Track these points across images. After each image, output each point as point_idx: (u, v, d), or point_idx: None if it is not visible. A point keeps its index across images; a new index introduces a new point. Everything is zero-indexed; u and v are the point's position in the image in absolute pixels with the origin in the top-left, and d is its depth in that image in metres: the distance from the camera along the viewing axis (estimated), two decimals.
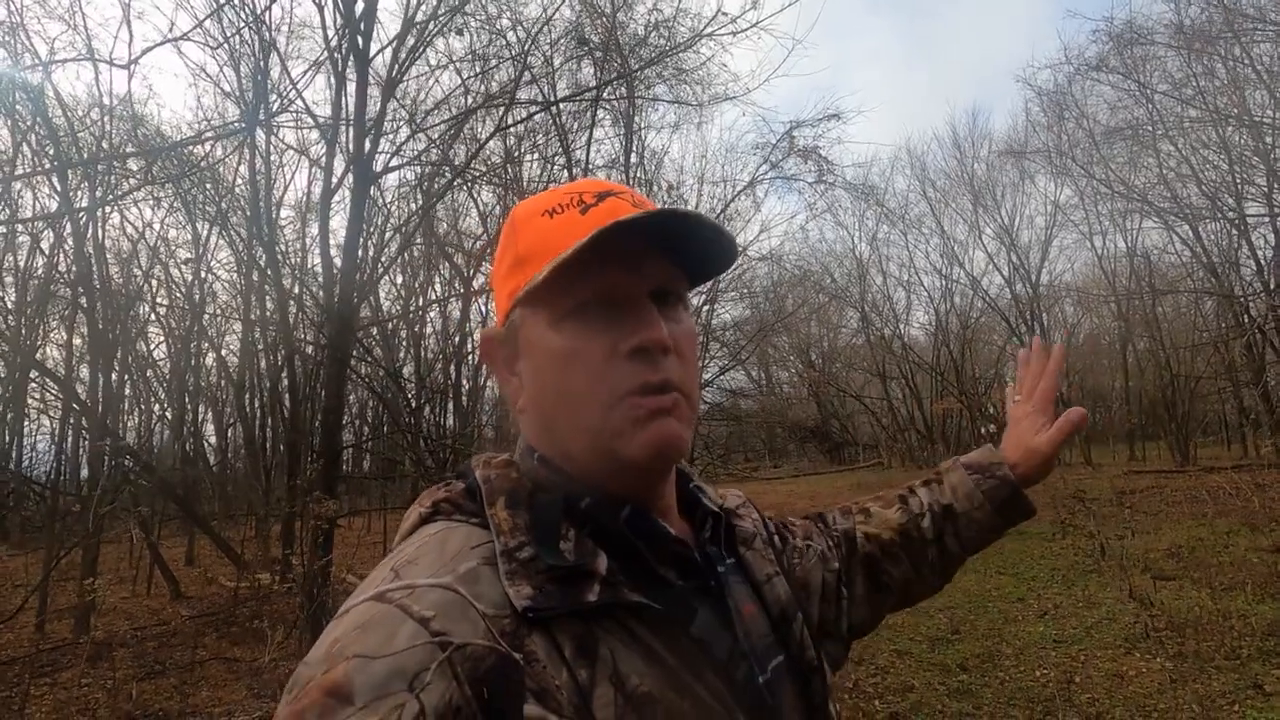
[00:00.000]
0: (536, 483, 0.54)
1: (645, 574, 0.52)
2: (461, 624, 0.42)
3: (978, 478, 0.80)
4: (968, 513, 0.79)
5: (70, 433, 13.94)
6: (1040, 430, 0.80)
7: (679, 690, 0.47)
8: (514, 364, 0.57)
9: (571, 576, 0.47)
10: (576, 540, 0.49)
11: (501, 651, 0.42)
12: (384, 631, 0.41)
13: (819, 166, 10.99)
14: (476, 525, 0.51)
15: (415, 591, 0.44)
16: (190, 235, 13.11)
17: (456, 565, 0.46)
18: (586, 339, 0.52)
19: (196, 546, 10.51)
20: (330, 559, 5.42)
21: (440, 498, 0.54)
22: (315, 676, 0.40)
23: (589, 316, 0.52)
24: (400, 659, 0.40)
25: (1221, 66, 11.06)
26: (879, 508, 0.83)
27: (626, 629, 0.47)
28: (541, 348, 0.53)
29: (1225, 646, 4.13)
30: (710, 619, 0.53)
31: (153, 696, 4.60)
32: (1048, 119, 17.24)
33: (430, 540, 0.50)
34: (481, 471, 0.55)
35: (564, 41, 9.14)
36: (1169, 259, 17.13)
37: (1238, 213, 12.57)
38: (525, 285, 0.53)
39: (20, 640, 6.17)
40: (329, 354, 6.06)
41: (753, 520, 0.70)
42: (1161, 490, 10.73)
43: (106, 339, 8.79)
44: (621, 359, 0.51)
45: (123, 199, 9.49)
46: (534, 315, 0.54)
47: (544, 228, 0.54)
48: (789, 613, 0.61)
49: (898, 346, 22.87)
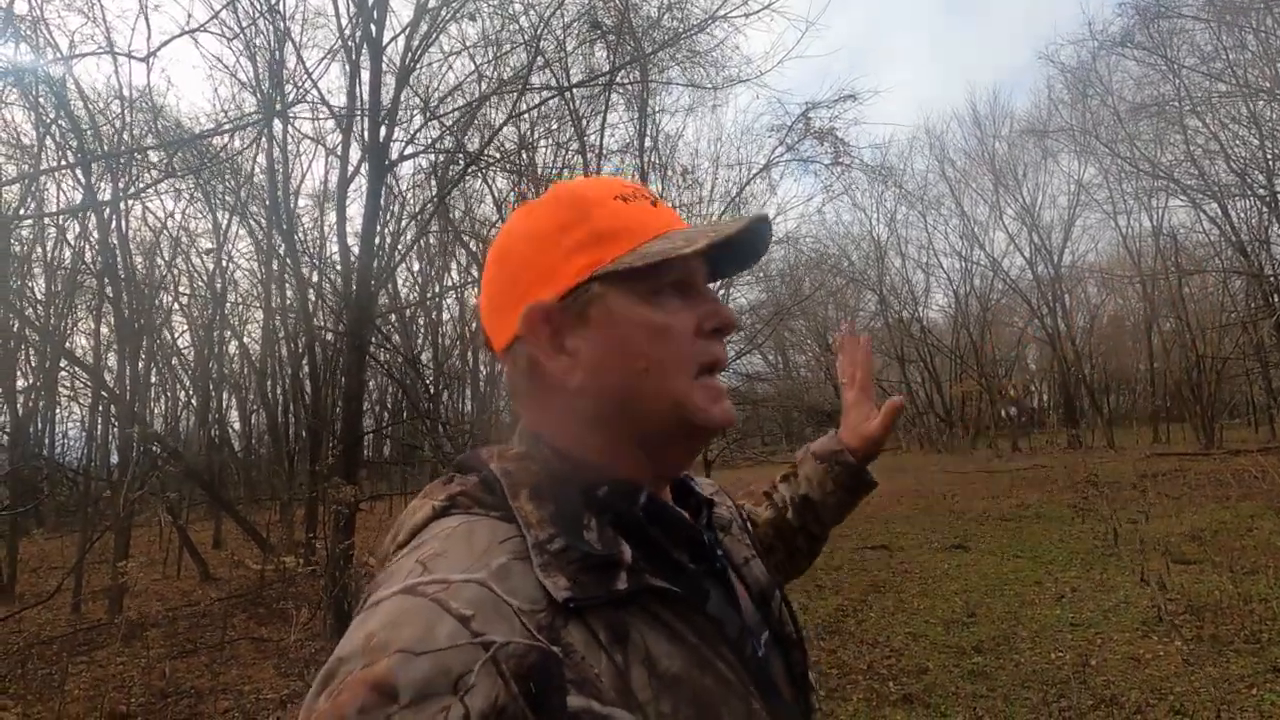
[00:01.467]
0: (554, 474, 0.54)
1: (662, 559, 0.53)
2: (499, 623, 0.42)
3: (825, 466, 0.90)
4: (822, 500, 0.89)
5: (100, 420, 14.28)
6: (869, 417, 0.90)
7: (702, 668, 0.49)
8: (562, 340, 0.56)
9: (602, 565, 0.48)
10: (599, 529, 0.50)
11: (542, 647, 0.42)
12: (422, 626, 0.41)
13: (835, 148, 10.82)
14: (499, 519, 0.50)
15: (450, 587, 0.44)
16: (211, 225, 13.29)
17: (488, 560, 0.46)
18: (677, 315, 0.56)
19: (223, 530, 10.77)
20: (352, 542, 5.54)
21: (455, 491, 0.54)
22: (355, 670, 0.40)
23: (673, 296, 0.56)
24: (443, 657, 0.40)
25: (1253, 38, 10.73)
26: (751, 506, 0.92)
27: (651, 613, 0.49)
28: (634, 320, 0.55)
29: (1245, 630, 4.10)
30: (720, 599, 0.57)
31: (184, 674, 4.75)
32: (1071, 96, 16.90)
33: (454, 534, 0.50)
34: (498, 464, 0.55)
35: (577, 25, 9.07)
36: (1196, 238, 16.80)
37: (1268, 189, 12.25)
38: (621, 259, 0.55)
39: (58, 620, 6.39)
40: (348, 341, 6.14)
41: (727, 506, 0.73)
42: (1185, 473, 10.59)
43: (132, 328, 8.96)
44: (704, 335, 0.57)
45: (145, 191, 9.63)
46: (621, 290, 0.55)
47: (625, 211, 0.57)
48: (768, 592, 0.65)
49: (916, 329, 22.67)
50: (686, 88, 10.84)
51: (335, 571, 5.04)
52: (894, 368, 24.24)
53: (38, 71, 6.94)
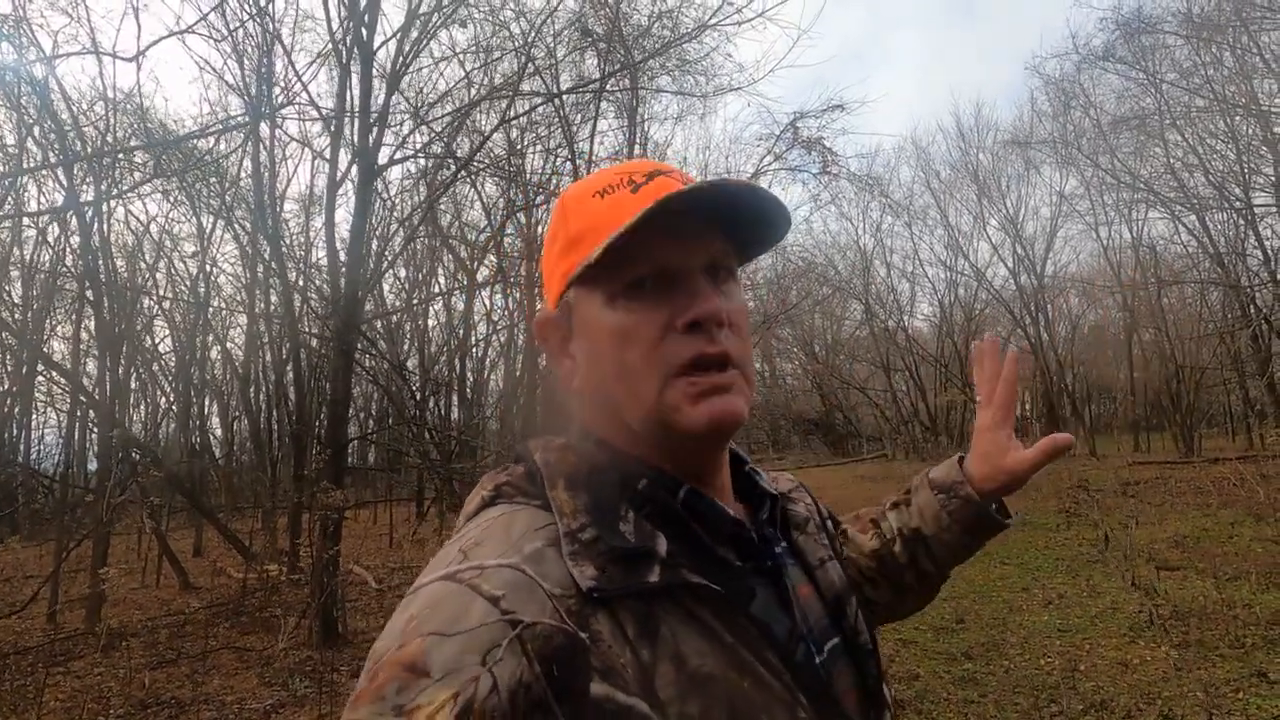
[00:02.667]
0: (594, 465, 0.54)
1: (704, 554, 0.52)
2: (530, 604, 0.43)
3: (942, 498, 0.75)
4: (936, 535, 0.74)
5: (77, 426, 14.04)
6: (1012, 448, 0.70)
7: (739, 670, 0.47)
8: (568, 345, 0.57)
9: (633, 557, 0.48)
10: (635, 522, 0.50)
11: (569, 631, 0.43)
12: (456, 609, 0.43)
13: (823, 157, 10.92)
14: (539, 508, 0.51)
15: (485, 572, 0.45)
16: (195, 229, 13.15)
17: (522, 546, 0.47)
18: (642, 315, 0.52)
19: (204, 538, 10.59)
20: (338, 549, 5.47)
21: (501, 481, 0.55)
22: (391, 650, 0.42)
23: (644, 293, 0.53)
24: (473, 636, 0.41)
25: (1229, 55, 10.98)
26: (855, 531, 0.80)
27: (686, 609, 0.48)
28: (598, 326, 0.54)
29: (1230, 635, 4.15)
30: (768, 600, 0.54)
31: (165, 685, 4.65)
32: (1053, 109, 17.17)
33: (495, 522, 0.51)
34: (541, 455, 0.55)
35: (567, 33, 9.10)
36: (1175, 249, 17.08)
37: (1245, 202, 12.52)
38: (579, 265, 0.53)
39: (33, 630, 6.23)
40: (334, 347, 6.08)
41: (805, 504, 0.70)
42: (1166, 481, 10.72)
43: (113, 332, 8.83)
44: (678, 333, 0.52)
45: (128, 193, 9.51)
46: (589, 295, 0.55)
47: (595, 208, 0.54)
48: (843, 596, 0.62)
49: (902, 338, 22.84)
50: (675, 96, 10.91)
51: (322, 578, 4.96)
52: (879, 376, 24.40)
53: (20, 71, 6.84)
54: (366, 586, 7.06)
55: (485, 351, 14.49)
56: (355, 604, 6.39)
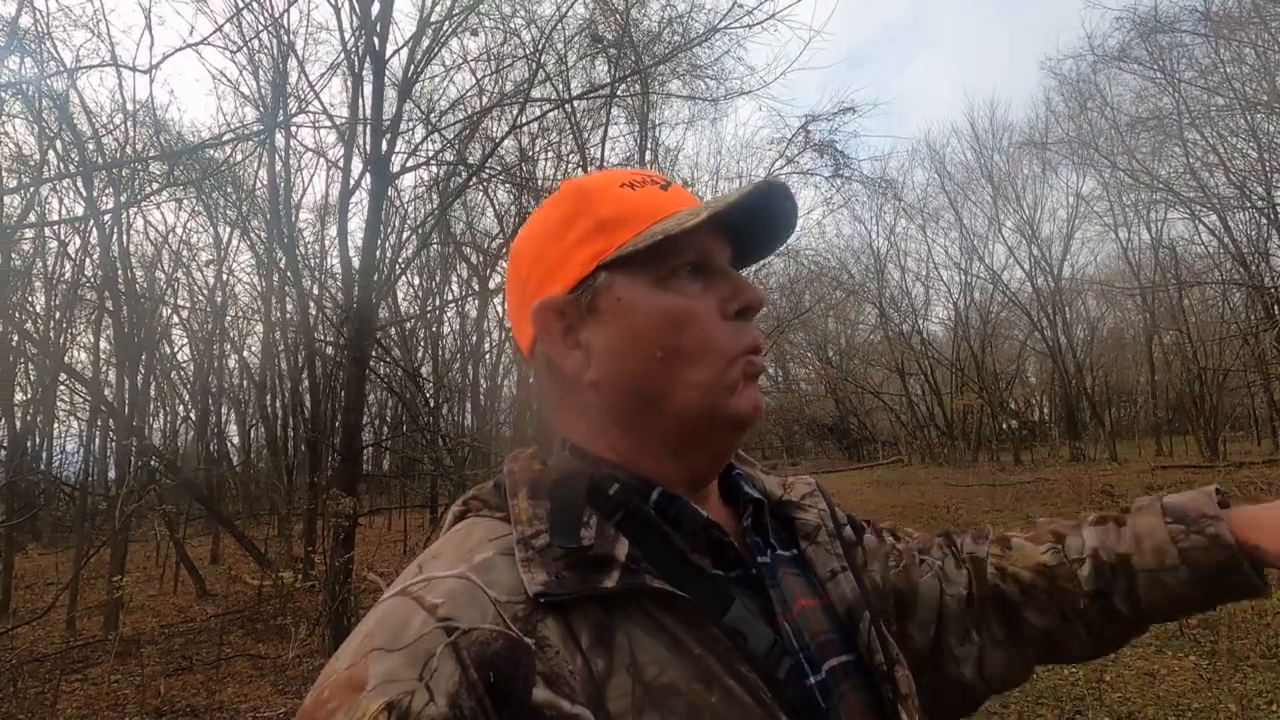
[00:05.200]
0: (561, 473, 0.53)
1: (676, 560, 0.50)
2: (469, 610, 0.43)
3: (1178, 529, 0.63)
4: (1153, 572, 0.63)
5: (98, 434, 14.22)
6: None
7: (707, 682, 0.45)
8: (575, 334, 0.55)
9: (589, 563, 0.46)
10: (598, 527, 0.49)
11: (511, 636, 0.42)
12: (398, 623, 0.43)
13: (835, 160, 10.87)
14: (500, 519, 0.51)
15: (431, 583, 0.45)
16: (212, 239, 13.32)
17: (473, 556, 0.47)
18: (696, 298, 0.53)
19: (221, 545, 10.66)
20: (352, 557, 5.47)
21: (471, 495, 0.56)
22: (339, 671, 0.42)
23: (688, 279, 0.54)
24: (412, 648, 0.41)
25: (1251, 52, 10.81)
26: (1023, 540, 0.70)
27: (650, 617, 0.46)
28: (646, 307, 0.53)
29: (1261, 645, 4.03)
30: (748, 610, 0.51)
31: (180, 692, 4.66)
32: (1069, 109, 17.02)
33: (454, 535, 0.51)
34: (507, 465, 0.55)
35: (578, 39, 9.14)
36: (1196, 250, 16.83)
37: (1267, 201, 12.30)
38: (625, 245, 0.53)
39: (51, 637, 6.29)
40: (348, 354, 6.11)
41: (818, 511, 0.65)
42: (1191, 485, 10.35)
43: (132, 341, 8.93)
44: (729, 319, 0.54)
45: (145, 200, 9.64)
46: (630, 277, 0.53)
47: (630, 197, 0.55)
48: (856, 612, 0.58)
49: (916, 342, 22.67)
50: (687, 100, 10.91)
51: (335, 586, 4.97)
52: (894, 380, 24.21)
53: (41, 85, 6.96)
54: (380, 593, 7.06)
55: (499, 358, 14.54)
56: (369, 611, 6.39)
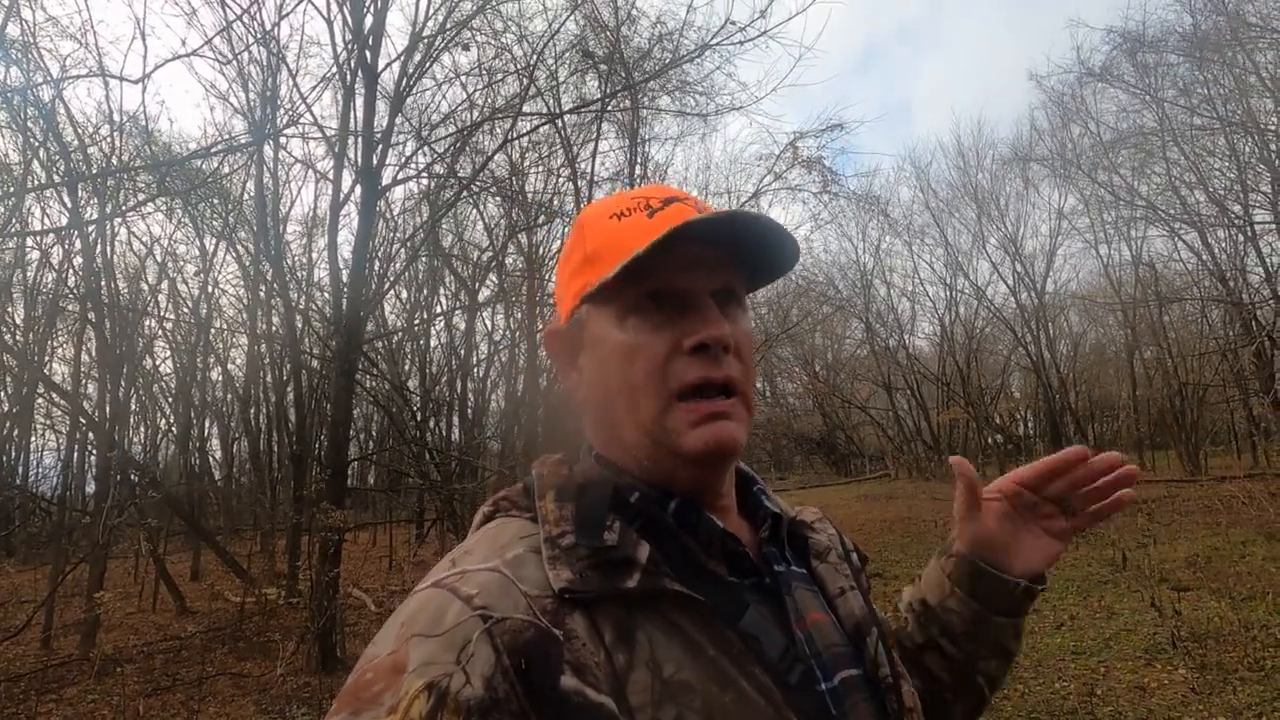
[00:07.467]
0: (588, 478, 0.56)
1: (693, 567, 0.53)
2: (503, 600, 0.45)
3: (942, 560, 0.69)
4: (940, 603, 0.68)
5: (77, 448, 13.96)
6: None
7: (721, 682, 0.47)
8: (576, 359, 0.60)
9: (612, 563, 0.49)
10: (621, 531, 0.51)
11: (541, 626, 0.44)
12: (436, 612, 0.45)
13: (823, 177, 10.96)
14: (529, 519, 0.54)
15: (465, 575, 0.47)
16: (198, 250, 13.18)
17: (505, 552, 0.49)
18: (651, 334, 0.54)
19: (202, 561, 10.47)
20: (338, 572, 5.38)
21: (500, 496, 0.58)
22: (381, 656, 0.44)
23: (653, 313, 0.55)
24: (450, 635, 0.43)
25: (1228, 74, 11.08)
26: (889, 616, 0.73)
27: (668, 618, 0.48)
28: (607, 342, 0.56)
29: (1248, 658, 4.06)
30: (763, 617, 0.53)
31: (159, 712, 4.55)
32: (1052, 125, 17.31)
33: (485, 533, 0.54)
34: (537, 469, 0.58)
35: (569, 55, 9.19)
36: (1175, 266, 17.09)
37: (1245, 219, 12.55)
38: (594, 282, 0.55)
39: (26, 656, 6.13)
40: (337, 367, 6.05)
41: (828, 535, 0.69)
42: (1174, 500, 10.62)
43: (114, 353, 8.80)
44: (684, 355, 0.54)
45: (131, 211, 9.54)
46: (600, 311, 0.57)
47: (612, 229, 0.57)
48: (863, 628, 0.60)
49: (903, 357, 22.80)
50: (677, 117, 10.97)
51: (321, 601, 4.88)
52: (881, 395, 24.31)
53: (26, 94, 6.89)
54: (366, 610, 6.95)
55: (486, 371, 14.45)
56: (354, 628, 6.27)
